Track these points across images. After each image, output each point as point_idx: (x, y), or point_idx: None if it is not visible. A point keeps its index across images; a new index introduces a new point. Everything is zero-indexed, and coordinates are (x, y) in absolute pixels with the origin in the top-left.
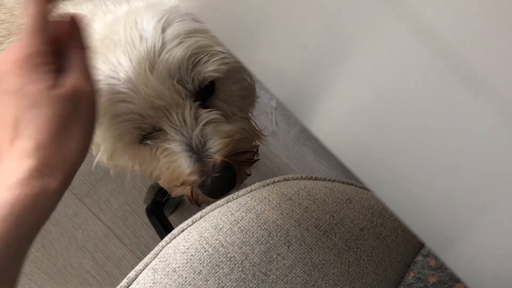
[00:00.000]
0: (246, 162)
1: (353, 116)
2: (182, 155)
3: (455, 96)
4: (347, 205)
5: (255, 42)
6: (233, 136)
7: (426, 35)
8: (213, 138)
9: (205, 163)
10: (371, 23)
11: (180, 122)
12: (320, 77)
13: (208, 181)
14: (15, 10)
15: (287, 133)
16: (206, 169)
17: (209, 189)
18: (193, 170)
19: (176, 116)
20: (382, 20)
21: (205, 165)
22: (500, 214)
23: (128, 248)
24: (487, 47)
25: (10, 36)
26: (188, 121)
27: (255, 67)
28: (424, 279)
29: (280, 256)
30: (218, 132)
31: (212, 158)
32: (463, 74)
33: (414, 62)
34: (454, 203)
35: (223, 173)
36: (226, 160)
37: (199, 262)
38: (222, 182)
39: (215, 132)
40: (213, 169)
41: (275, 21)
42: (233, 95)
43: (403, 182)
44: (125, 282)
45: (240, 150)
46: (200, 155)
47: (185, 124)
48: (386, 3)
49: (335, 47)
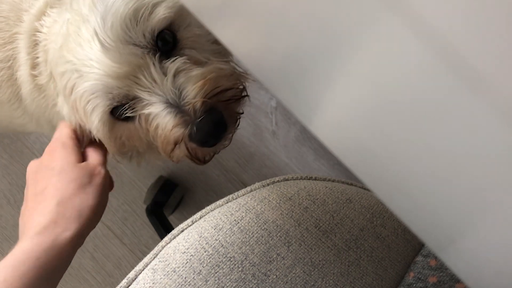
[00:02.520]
0: (231, 100)
1: (353, 116)
2: (164, 113)
3: (455, 96)
4: (347, 205)
5: (255, 41)
6: (207, 77)
7: (426, 35)
8: (188, 86)
9: (185, 112)
10: (371, 23)
11: (150, 82)
12: (320, 77)
13: (194, 128)
14: (10, 19)
15: (287, 133)
16: (189, 118)
17: (197, 136)
18: (174, 123)
19: (144, 77)
20: (382, 20)
21: (186, 114)
22: (500, 214)
23: (128, 248)
24: (490, 47)
25: (5, 45)
26: (157, 78)
27: (253, 66)
28: (424, 279)
29: (280, 256)
30: (191, 77)
31: (190, 103)
32: (464, 75)
33: (414, 62)
34: (454, 202)
35: (206, 116)
36: (206, 101)
37: (199, 262)
38: (208, 124)
39: (188, 79)
40: (195, 115)
41: (275, 21)
42: (200, 40)
43: (403, 182)
44: (125, 282)
45: (220, 88)
46: (179, 107)
47: (155, 83)
48: (386, 4)
49: (335, 47)
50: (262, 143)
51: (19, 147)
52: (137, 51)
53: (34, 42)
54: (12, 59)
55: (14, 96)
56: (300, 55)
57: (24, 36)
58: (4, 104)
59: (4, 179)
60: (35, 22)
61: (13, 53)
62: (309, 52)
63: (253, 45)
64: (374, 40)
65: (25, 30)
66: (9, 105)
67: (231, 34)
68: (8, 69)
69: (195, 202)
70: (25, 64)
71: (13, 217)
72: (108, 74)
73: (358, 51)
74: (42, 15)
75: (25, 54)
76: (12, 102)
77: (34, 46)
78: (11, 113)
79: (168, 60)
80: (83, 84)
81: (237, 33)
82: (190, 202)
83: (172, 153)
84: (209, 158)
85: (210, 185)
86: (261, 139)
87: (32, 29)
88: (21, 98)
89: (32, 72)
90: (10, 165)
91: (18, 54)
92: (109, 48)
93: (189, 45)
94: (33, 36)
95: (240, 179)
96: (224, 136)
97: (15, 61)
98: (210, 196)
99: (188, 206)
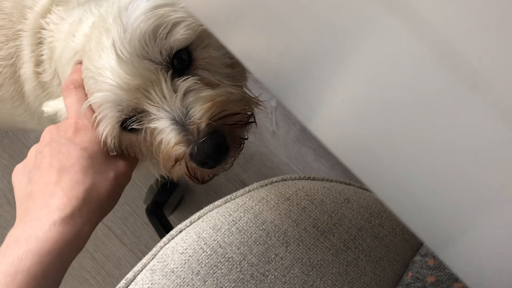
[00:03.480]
0: (237, 124)
1: (353, 116)
2: (167, 129)
3: (455, 95)
4: (345, 205)
5: (255, 41)
6: (215, 99)
7: (427, 35)
8: (196, 106)
9: (189, 131)
10: (371, 23)
11: (160, 97)
12: (320, 77)
13: (195, 148)
14: (13, 16)
15: (287, 133)
16: (192, 137)
17: (197, 157)
18: (177, 140)
19: (154, 92)
20: (382, 20)
21: (190, 133)
22: (499, 213)
23: (128, 248)
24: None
25: (8, 42)
26: (167, 95)
27: (254, 66)
28: (422, 278)
29: (278, 257)
30: (200, 98)
31: (195, 124)
32: (465, 75)
33: (415, 62)
34: (453, 201)
35: (209, 138)
36: (211, 123)
37: (197, 263)
38: (209, 146)
39: (197, 100)
40: (198, 135)
41: (274, 20)
42: (215, 61)
43: (402, 181)
44: (124, 283)
45: (227, 112)
46: (184, 125)
47: (165, 99)
48: (387, 4)
49: (335, 46)
50: (262, 143)
51: (19, 147)
52: (151, 66)
53: (39, 39)
54: (15, 56)
55: (17, 93)
56: (299, 55)
57: (28, 33)
58: (6, 101)
59: (4, 179)
60: (40, 20)
61: (16, 50)
62: (308, 52)
63: (252, 45)
64: (374, 40)
65: (29, 27)
66: (12, 102)
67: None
68: (11, 66)
69: (195, 202)
70: (29, 61)
71: (13, 217)
72: (120, 85)
73: (358, 51)
74: (47, 13)
75: (29, 51)
76: (15, 99)
77: (39, 43)
78: (13, 110)
79: (180, 78)
80: (96, 94)
81: (236, 32)
82: (190, 202)
83: (172, 170)
84: (208, 179)
85: (210, 185)
86: (261, 139)
87: (37, 26)
88: (23, 95)
89: (36, 70)
90: (10, 165)
91: (22, 51)
92: (124, 60)
93: (203, 66)
94: (37, 34)
95: (240, 179)
96: (225, 159)
97: (18, 59)
98: (210, 196)
99: (188, 206)
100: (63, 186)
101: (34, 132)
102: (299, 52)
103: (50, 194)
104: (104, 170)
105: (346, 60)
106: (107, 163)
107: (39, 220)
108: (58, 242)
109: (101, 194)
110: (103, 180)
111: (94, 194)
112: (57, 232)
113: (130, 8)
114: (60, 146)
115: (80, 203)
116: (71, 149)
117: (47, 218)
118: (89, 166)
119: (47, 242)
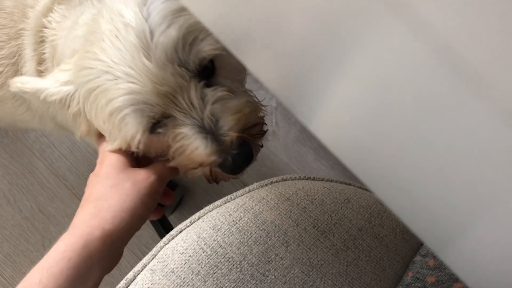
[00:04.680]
0: (258, 135)
1: (353, 116)
2: (197, 137)
3: (455, 95)
4: (345, 205)
5: (255, 41)
6: (242, 111)
7: (427, 36)
8: (224, 116)
9: (222, 142)
10: (372, 23)
11: (188, 105)
12: (320, 77)
13: (229, 159)
14: (14, 15)
15: (287, 133)
16: (224, 148)
17: (231, 167)
18: (211, 150)
19: (183, 99)
20: (383, 21)
21: (222, 144)
22: (499, 213)
23: (128, 248)
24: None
25: (10, 41)
26: (196, 103)
27: (254, 66)
28: (422, 279)
29: (279, 257)
30: (228, 109)
31: (228, 136)
32: (465, 75)
33: (415, 62)
34: (454, 201)
35: (241, 149)
36: (242, 136)
37: (197, 263)
38: (242, 158)
39: (225, 110)
40: (231, 147)
41: (275, 20)
42: (233, 69)
43: (403, 181)
44: (123, 283)
45: (251, 124)
46: (215, 135)
47: (193, 107)
48: (387, 3)
49: (335, 47)
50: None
51: (19, 147)
52: (182, 73)
53: (41, 38)
54: (17, 55)
55: None
56: (299, 56)
57: (30, 32)
58: (8, 100)
59: (4, 179)
60: (42, 18)
61: (18, 49)
62: (308, 52)
63: (252, 45)
64: (374, 40)
65: (31, 26)
66: (13, 101)
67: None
68: (13, 66)
69: (195, 202)
70: (31, 60)
71: (13, 217)
72: (150, 90)
73: (358, 51)
74: (49, 12)
75: (31, 50)
76: (17, 98)
77: (41, 42)
78: (15, 109)
79: (209, 88)
80: (120, 96)
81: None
82: (190, 202)
83: (192, 171)
84: (225, 181)
85: (210, 185)
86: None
87: (39, 25)
88: None
89: (38, 68)
90: (10, 165)
91: (24, 50)
92: (156, 64)
93: (224, 75)
94: (39, 33)
95: (240, 179)
96: (248, 166)
97: (20, 57)
98: (210, 196)
99: (188, 206)
100: (80, 212)
101: (34, 132)
102: (299, 52)
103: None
104: (117, 183)
105: (346, 60)
106: (123, 176)
107: None
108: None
109: (111, 203)
110: (115, 191)
111: (104, 205)
112: (65, 244)
113: (151, 7)
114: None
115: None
116: (91, 181)
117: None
118: (101, 186)
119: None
